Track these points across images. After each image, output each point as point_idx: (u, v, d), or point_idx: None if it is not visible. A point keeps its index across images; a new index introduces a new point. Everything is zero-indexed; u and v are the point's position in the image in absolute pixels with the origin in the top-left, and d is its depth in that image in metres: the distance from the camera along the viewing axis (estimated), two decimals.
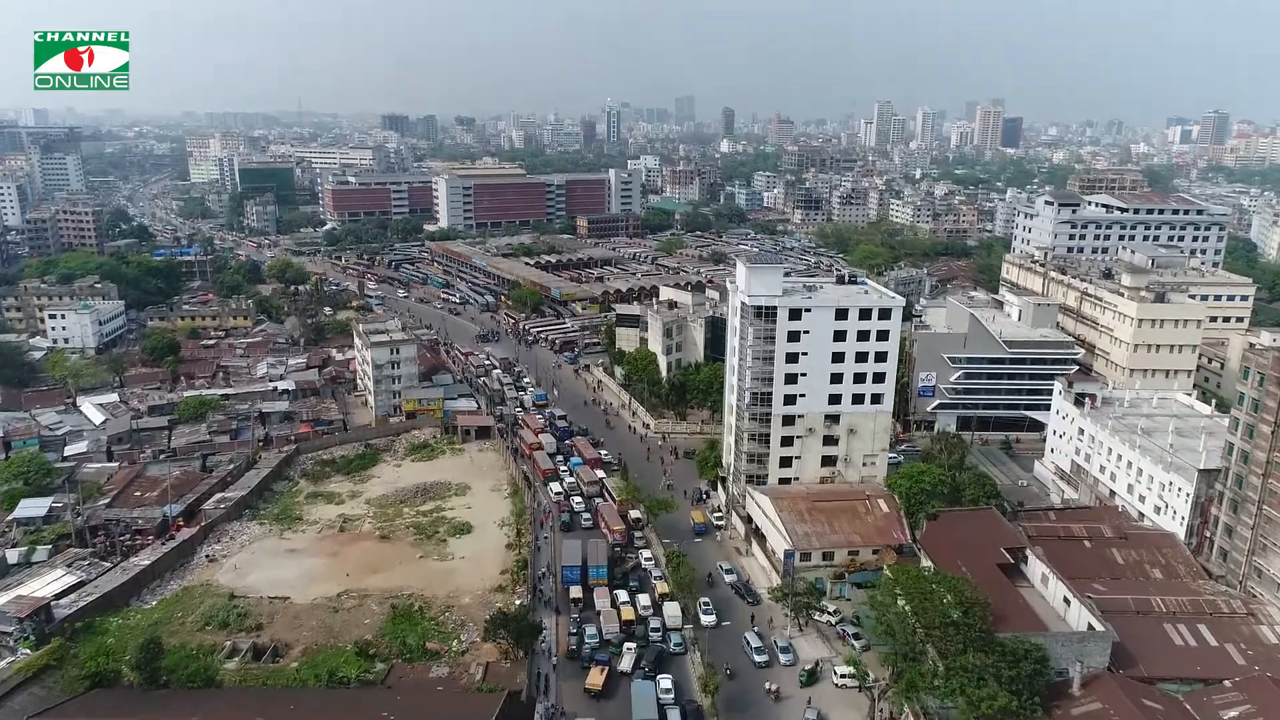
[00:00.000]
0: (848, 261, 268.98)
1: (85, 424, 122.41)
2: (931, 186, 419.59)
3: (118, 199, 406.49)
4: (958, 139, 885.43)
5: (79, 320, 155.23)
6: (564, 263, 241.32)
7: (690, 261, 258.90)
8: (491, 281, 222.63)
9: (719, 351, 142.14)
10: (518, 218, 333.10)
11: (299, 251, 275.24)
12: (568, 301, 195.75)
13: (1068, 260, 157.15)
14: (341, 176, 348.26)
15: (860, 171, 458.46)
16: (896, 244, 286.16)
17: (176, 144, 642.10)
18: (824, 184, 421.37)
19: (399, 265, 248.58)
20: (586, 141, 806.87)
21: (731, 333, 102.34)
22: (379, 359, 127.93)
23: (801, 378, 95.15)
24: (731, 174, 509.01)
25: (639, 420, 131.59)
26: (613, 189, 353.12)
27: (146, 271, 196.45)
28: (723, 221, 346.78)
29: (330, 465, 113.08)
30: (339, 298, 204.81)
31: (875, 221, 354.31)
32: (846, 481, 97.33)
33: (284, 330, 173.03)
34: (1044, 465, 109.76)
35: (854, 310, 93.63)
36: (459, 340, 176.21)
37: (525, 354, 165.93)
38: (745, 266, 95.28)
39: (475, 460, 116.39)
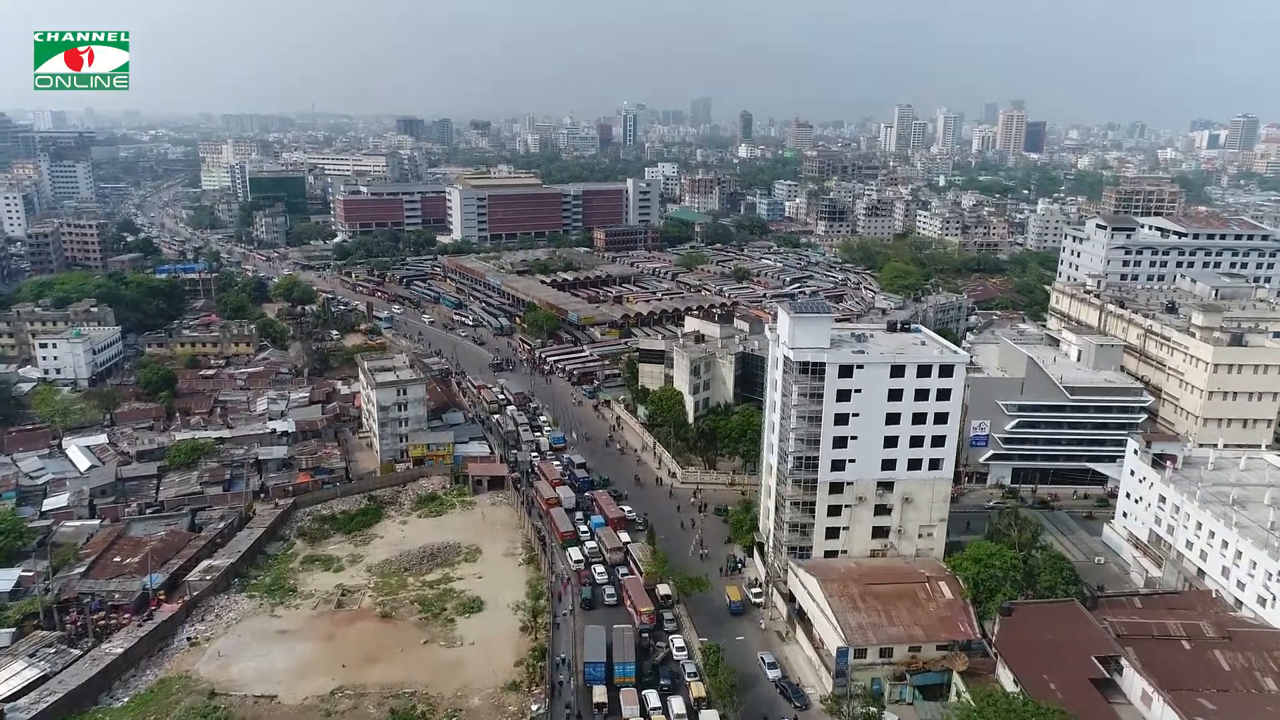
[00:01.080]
0: (876, 278, 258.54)
1: (69, 470, 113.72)
2: (958, 196, 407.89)
3: (128, 207, 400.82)
4: (979, 143, 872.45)
5: (71, 350, 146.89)
6: (581, 281, 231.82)
7: (712, 278, 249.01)
8: (506, 302, 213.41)
9: (750, 391, 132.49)
10: (533, 229, 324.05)
11: (308, 265, 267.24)
12: (586, 326, 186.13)
13: (1125, 290, 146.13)
14: (354, 186, 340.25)
15: (884, 180, 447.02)
16: (926, 259, 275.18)
17: (191, 148, 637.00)
18: (847, 193, 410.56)
19: (410, 282, 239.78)
20: (602, 145, 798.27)
21: (772, 386, 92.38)
22: (384, 400, 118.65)
23: (852, 441, 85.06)
24: (751, 181, 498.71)
25: (664, 467, 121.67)
26: (630, 199, 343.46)
27: (148, 292, 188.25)
28: (744, 233, 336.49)
29: (330, 522, 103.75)
30: (347, 319, 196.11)
31: (902, 234, 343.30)
32: (900, 555, 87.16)
33: (287, 359, 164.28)
34: (1115, 530, 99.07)
35: (912, 367, 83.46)
36: (471, 369, 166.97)
37: (541, 386, 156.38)
38: (790, 316, 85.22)
39: (487, 516, 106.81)
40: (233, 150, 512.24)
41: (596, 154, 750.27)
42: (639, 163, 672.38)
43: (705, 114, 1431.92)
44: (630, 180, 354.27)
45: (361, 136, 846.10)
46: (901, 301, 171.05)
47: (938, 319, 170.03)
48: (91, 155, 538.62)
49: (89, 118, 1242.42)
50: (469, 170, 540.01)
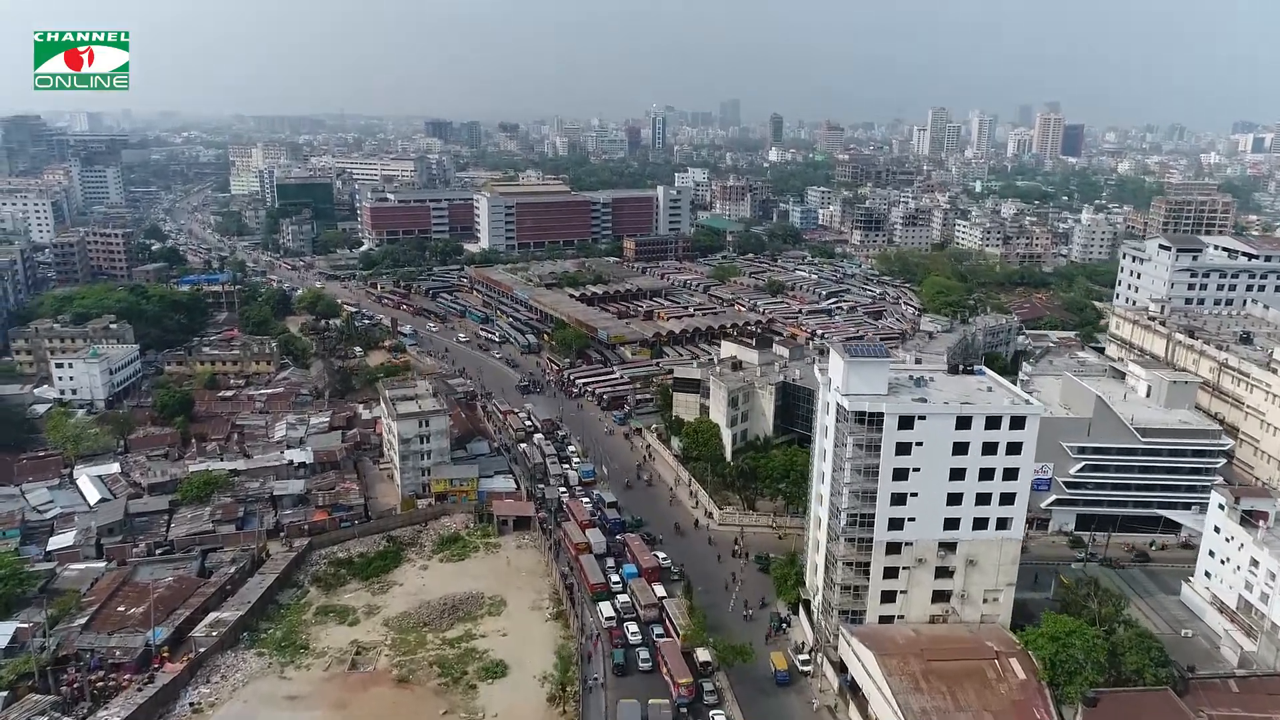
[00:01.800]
0: (915, 293, 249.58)
1: (78, 504, 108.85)
2: (998, 204, 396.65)
3: (157, 212, 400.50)
4: (1015, 147, 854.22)
5: (87, 370, 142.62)
6: (611, 294, 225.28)
7: (745, 292, 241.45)
8: (534, 317, 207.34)
9: (790, 422, 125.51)
10: (561, 238, 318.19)
11: (333, 275, 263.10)
12: (616, 345, 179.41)
13: (1193, 317, 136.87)
14: (381, 193, 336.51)
15: (920, 187, 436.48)
16: (967, 272, 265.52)
17: (222, 150, 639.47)
18: (882, 200, 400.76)
19: (437, 294, 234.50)
20: (631, 148, 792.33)
21: (821, 432, 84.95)
22: (406, 432, 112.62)
23: (912, 498, 77.51)
24: (782, 187, 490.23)
25: (700, 507, 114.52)
26: (661, 207, 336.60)
27: (169, 306, 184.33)
28: (776, 242, 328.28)
29: (346, 567, 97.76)
30: (371, 335, 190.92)
31: (940, 244, 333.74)
32: (963, 622, 79.48)
33: (308, 379, 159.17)
34: (1196, 591, 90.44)
35: (979, 419, 75.74)
36: (498, 390, 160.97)
37: (569, 409, 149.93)
38: (844, 360, 77.75)
39: (512, 561, 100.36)
40: (262, 154, 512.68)
41: (625, 157, 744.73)
42: (668, 166, 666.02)
43: (734, 115, 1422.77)
44: (661, 188, 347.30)
45: (391, 139, 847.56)
46: (948, 323, 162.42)
47: (986, 342, 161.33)
48: (122, 159, 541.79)
49: (125, 119, 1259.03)
50: (497, 174, 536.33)
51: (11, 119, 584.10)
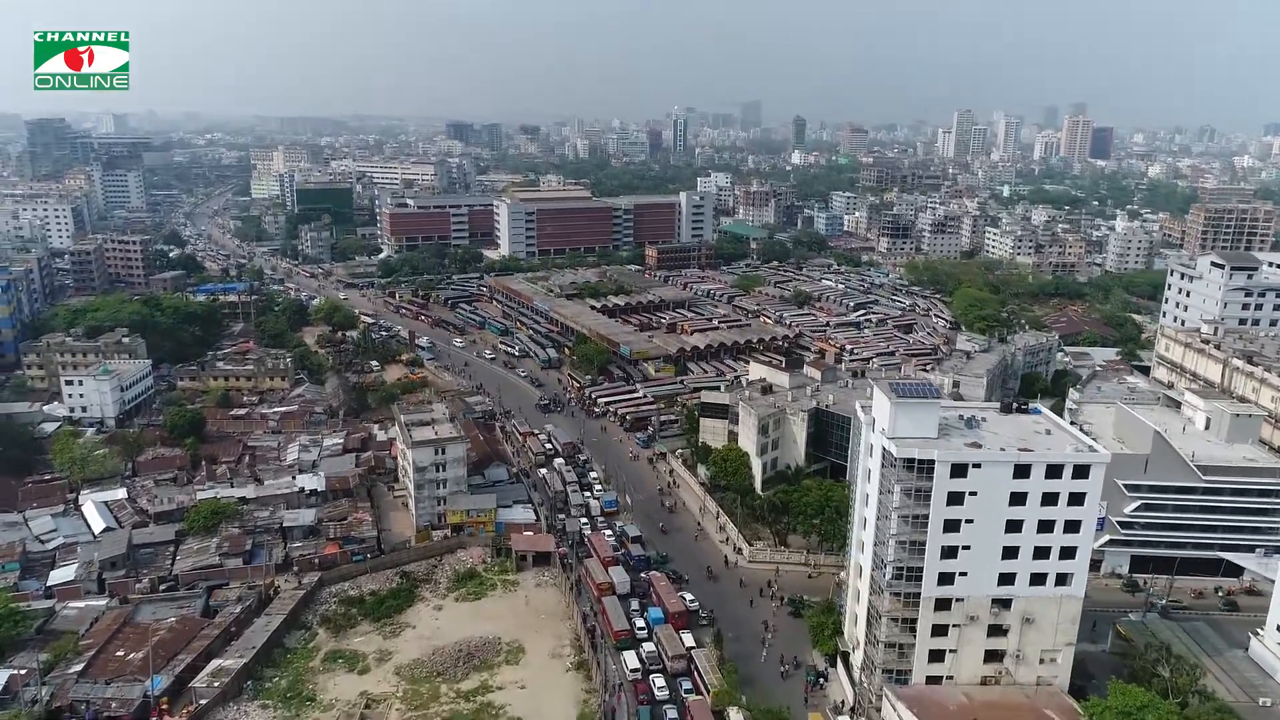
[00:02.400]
0: (946, 304, 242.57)
1: (82, 532, 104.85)
2: (1028, 211, 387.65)
3: (177, 216, 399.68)
4: (1042, 149, 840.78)
5: (97, 387, 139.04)
6: (633, 306, 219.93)
7: (770, 303, 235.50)
8: (554, 329, 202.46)
9: (823, 450, 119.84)
10: (583, 244, 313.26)
11: (351, 284, 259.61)
12: (638, 360, 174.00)
13: (1248, 339, 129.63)
14: (400, 199, 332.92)
15: (948, 193, 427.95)
16: (999, 282, 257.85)
17: (244, 153, 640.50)
18: (909, 206, 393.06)
19: (456, 304, 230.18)
20: (652, 151, 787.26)
21: (863, 475, 79.20)
22: (421, 461, 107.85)
23: (964, 551, 71.67)
24: (806, 191, 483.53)
25: (729, 542, 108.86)
26: (683, 213, 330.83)
27: (184, 318, 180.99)
28: (801, 250, 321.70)
29: (357, 606, 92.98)
30: (388, 348, 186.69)
31: (969, 252, 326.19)
32: (1017, 684, 73.46)
33: (323, 395, 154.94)
34: (1267, 648, 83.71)
35: (1039, 467, 69.74)
36: (517, 406, 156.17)
37: (590, 430, 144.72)
38: (891, 401, 71.94)
39: (531, 601, 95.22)
40: (283, 158, 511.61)
41: (646, 159, 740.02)
42: (689, 169, 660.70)
43: (755, 117, 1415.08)
44: (684, 194, 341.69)
45: (412, 140, 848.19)
46: (986, 342, 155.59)
47: (1026, 362, 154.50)
48: (145, 162, 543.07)
49: (150, 120, 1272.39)
50: (517, 177, 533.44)
51: (36, 122, 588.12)
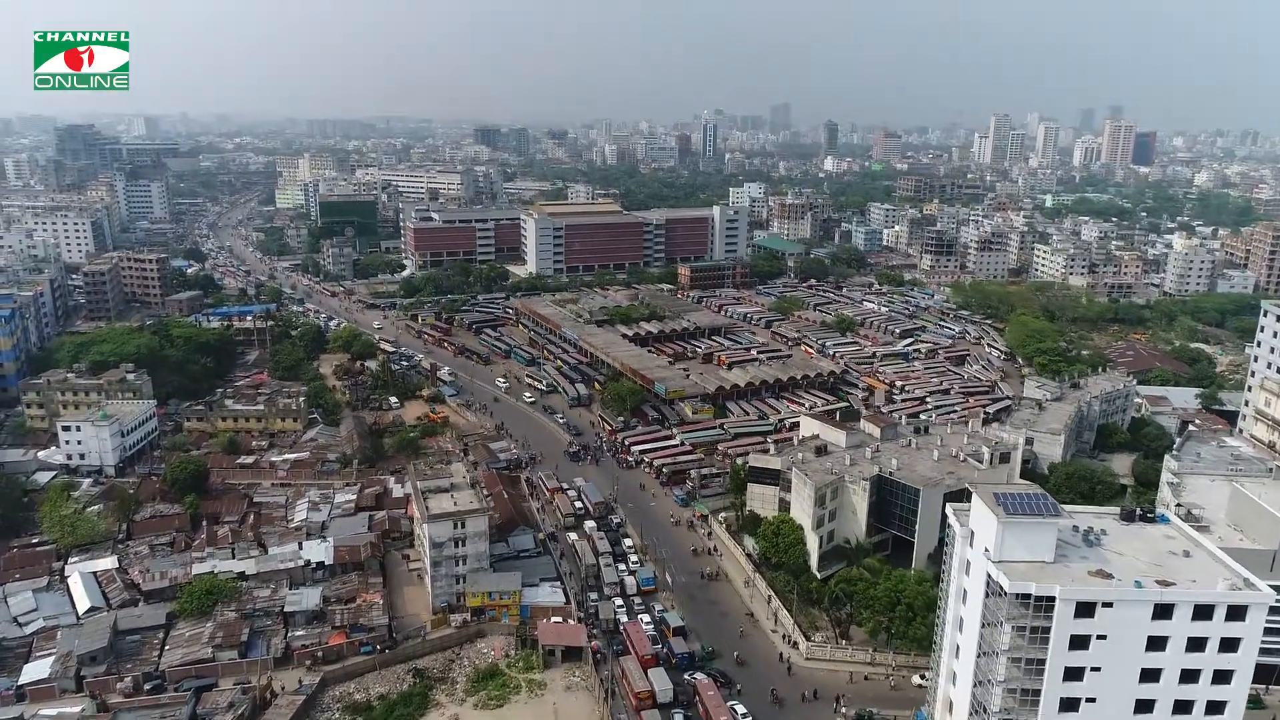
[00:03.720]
0: (999, 330, 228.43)
1: (65, 611, 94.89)
2: (1077, 225, 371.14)
3: (200, 227, 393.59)
4: (1082, 155, 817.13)
5: (96, 434, 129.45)
6: (667, 333, 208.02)
7: (811, 329, 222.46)
8: (584, 360, 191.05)
9: (884, 521, 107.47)
10: (612, 261, 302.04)
11: (373, 304, 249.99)
12: (674, 400, 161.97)
13: None
14: (425, 212, 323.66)
15: (991, 205, 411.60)
16: (1054, 307, 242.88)
17: (272, 158, 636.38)
18: (950, 218, 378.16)
19: (480, 329, 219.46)
20: (681, 156, 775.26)
21: (953, 594, 66.74)
22: (438, 536, 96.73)
23: (1088, 704, 59.16)
24: (841, 199, 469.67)
25: (780, 631, 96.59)
26: (717, 228, 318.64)
27: (196, 349, 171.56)
28: (840, 267, 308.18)
29: (364, 714, 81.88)
30: (408, 380, 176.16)
31: (1016, 270, 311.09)
32: None
33: (337, 439, 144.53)
34: None
35: (1184, 608, 57.01)
36: (544, 448, 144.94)
37: (624, 483, 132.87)
38: (998, 519, 59.51)
39: (560, 710, 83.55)
40: (309, 165, 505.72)
41: (675, 165, 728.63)
42: (719, 176, 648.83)
43: (785, 120, 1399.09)
44: (717, 208, 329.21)
45: (439, 144, 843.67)
46: (1058, 389, 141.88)
47: (1102, 411, 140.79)
48: (171, 169, 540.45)
49: (182, 122, 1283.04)
50: (545, 185, 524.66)
51: (66, 128, 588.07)
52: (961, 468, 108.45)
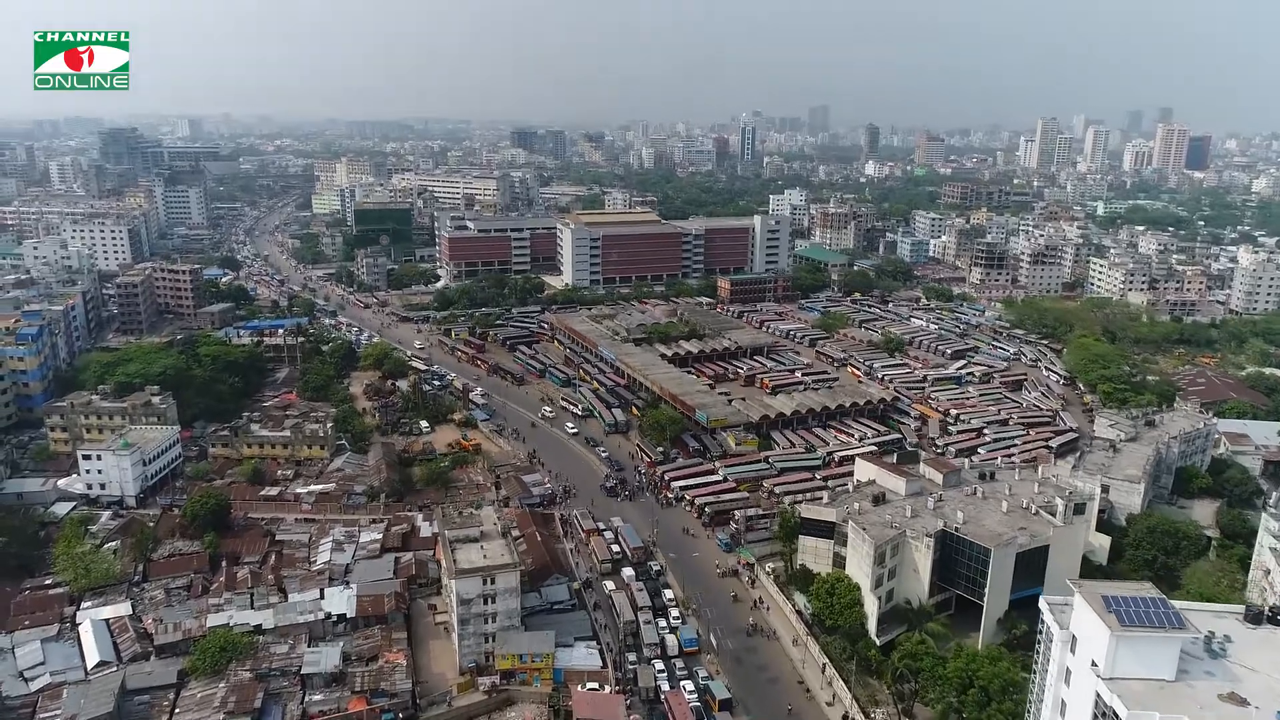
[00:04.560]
0: (1055, 351, 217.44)
1: (74, 664, 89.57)
2: (1134, 236, 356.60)
3: (237, 233, 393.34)
4: (1132, 159, 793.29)
5: (117, 463, 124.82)
6: (707, 353, 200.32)
7: (858, 349, 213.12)
8: (621, 382, 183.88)
9: (948, 580, 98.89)
10: (650, 273, 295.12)
11: (406, 317, 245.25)
12: (716, 430, 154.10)
13: None
14: (460, 221, 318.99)
15: (1042, 214, 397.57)
16: (1114, 327, 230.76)
17: (311, 161, 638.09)
18: (999, 228, 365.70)
19: (514, 346, 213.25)
20: (719, 160, 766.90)
21: (1052, 708, 58.12)
22: (466, 592, 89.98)
23: None
24: (884, 206, 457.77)
25: (838, 703, 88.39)
26: (757, 239, 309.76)
27: (224, 367, 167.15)
28: (886, 280, 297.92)
29: None
30: (440, 403, 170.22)
31: (1071, 284, 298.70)
32: None
33: (364, 468, 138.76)
34: None
35: None
36: (580, 485, 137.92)
37: (664, 524, 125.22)
38: (1110, 631, 50.95)
39: None
40: (346, 169, 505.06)
41: (713, 169, 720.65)
42: (758, 180, 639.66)
43: (823, 121, 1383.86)
44: (758, 218, 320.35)
45: (476, 147, 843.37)
46: (1132, 427, 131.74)
47: (1181, 452, 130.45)
48: (211, 172, 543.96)
49: (225, 123, 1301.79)
50: (581, 189, 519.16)
51: (109, 132, 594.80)
52: (1034, 522, 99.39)
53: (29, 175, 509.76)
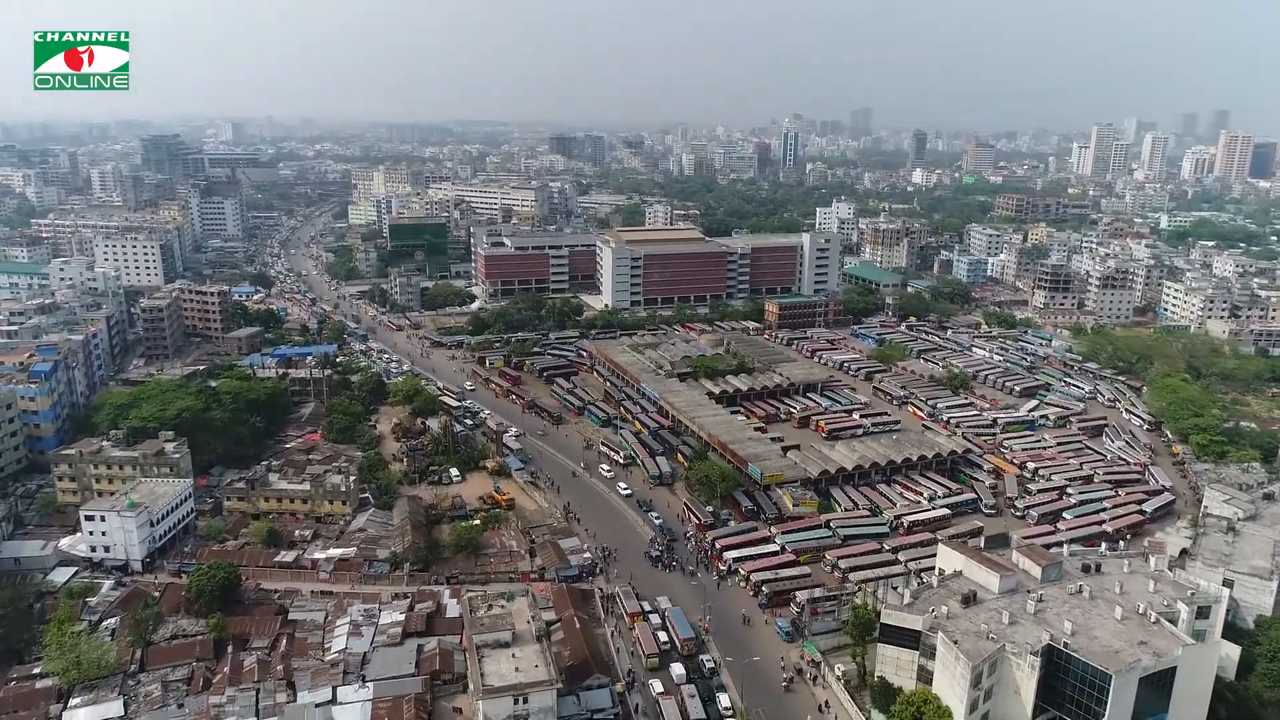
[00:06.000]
0: (1134, 389, 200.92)
1: None
2: (1207, 256, 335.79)
3: (272, 245, 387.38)
4: (1192, 167, 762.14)
5: (121, 525, 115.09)
6: (757, 391, 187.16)
7: (919, 385, 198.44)
8: (666, 424, 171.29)
9: (1052, 701, 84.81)
10: (693, 293, 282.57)
11: (439, 342, 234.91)
12: (770, 486, 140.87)
13: None
14: (497, 237, 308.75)
15: (1106, 231, 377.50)
16: (1196, 362, 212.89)
17: (350, 166, 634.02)
18: (1060, 245, 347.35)
19: (551, 378, 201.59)
20: (760, 166, 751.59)
21: None
22: (495, 714, 78.01)
23: None
24: (937, 218, 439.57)
25: None
26: (806, 258, 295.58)
27: (245, 407, 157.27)
28: (942, 303, 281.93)
29: None
30: (471, 446, 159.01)
31: (1142, 309, 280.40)
32: None
33: (390, 528, 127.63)
34: None
35: None
36: (625, 549, 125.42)
37: (717, 604, 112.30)
38: None
39: None
40: (383, 178, 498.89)
41: (754, 176, 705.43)
42: (801, 188, 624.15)
43: (865, 125, 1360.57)
44: (806, 236, 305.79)
45: (514, 152, 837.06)
46: (1250, 503, 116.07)
47: None
48: (249, 179, 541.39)
49: (269, 126, 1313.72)
50: (621, 199, 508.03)
51: (151, 139, 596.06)
52: (1155, 635, 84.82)
53: (71, 183, 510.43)
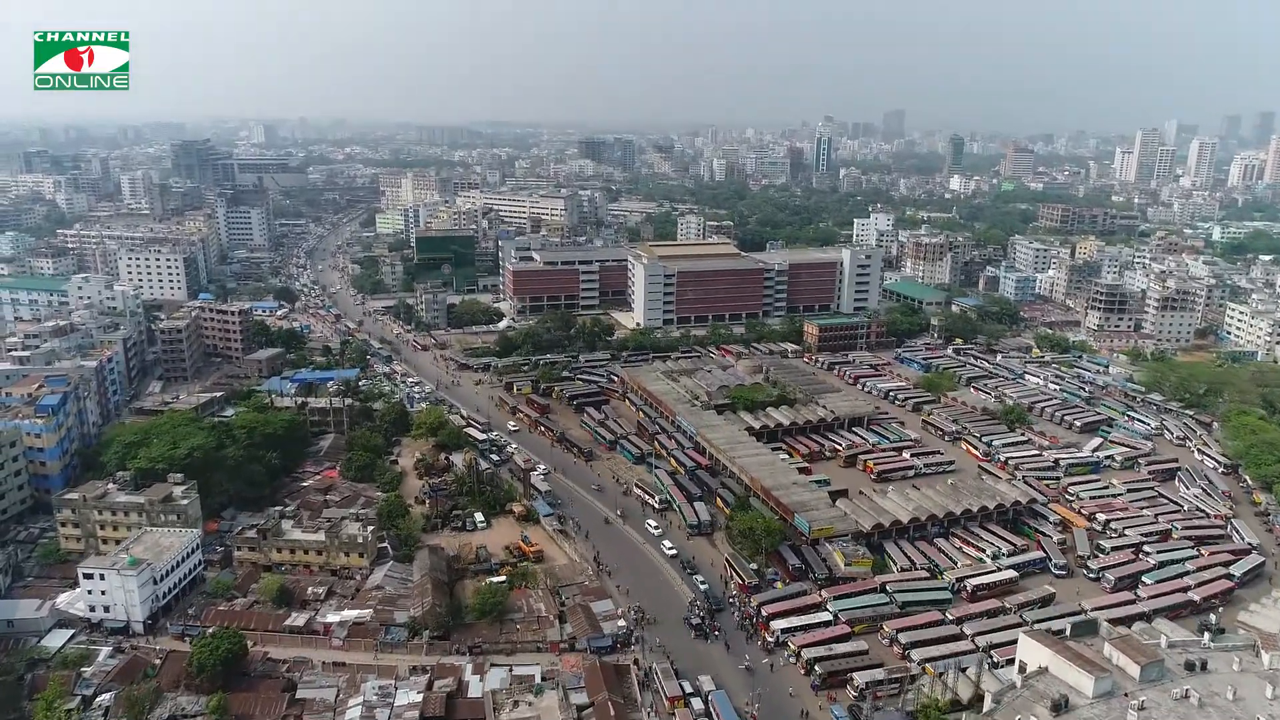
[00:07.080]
0: (1205, 425, 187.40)
1: None
2: (1270, 274, 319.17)
3: (299, 255, 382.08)
4: (1241, 173, 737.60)
5: (121, 584, 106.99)
6: (800, 425, 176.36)
7: (971, 420, 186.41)
8: (704, 462, 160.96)
9: None
10: (728, 311, 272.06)
11: (465, 364, 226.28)
12: (819, 540, 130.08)
13: None
14: (526, 251, 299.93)
15: (1160, 246, 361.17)
16: (1272, 394, 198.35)
17: (379, 171, 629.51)
18: (1110, 260, 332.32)
19: (582, 406, 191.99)
20: (793, 171, 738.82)
21: None
22: None
23: None
24: (979, 229, 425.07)
25: None
26: (846, 274, 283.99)
27: (262, 441, 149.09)
28: (990, 324, 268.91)
29: None
30: (497, 486, 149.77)
31: (1202, 331, 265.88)
32: None
33: (408, 586, 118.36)
34: None
35: None
36: (663, 611, 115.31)
37: (766, 685, 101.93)
38: None
39: None
40: (411, 185, 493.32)
41: (787, 181, 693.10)
42: (834, 194, 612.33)
43: (898, 127, 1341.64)
44: (846, 251, 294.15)
45: (544, 156, 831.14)
46: None
47: None
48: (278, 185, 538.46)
49: (300, 128, 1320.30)
50: (651, 206, 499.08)
51: (181, 145, 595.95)
52: None
53: (102, 189, 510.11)
